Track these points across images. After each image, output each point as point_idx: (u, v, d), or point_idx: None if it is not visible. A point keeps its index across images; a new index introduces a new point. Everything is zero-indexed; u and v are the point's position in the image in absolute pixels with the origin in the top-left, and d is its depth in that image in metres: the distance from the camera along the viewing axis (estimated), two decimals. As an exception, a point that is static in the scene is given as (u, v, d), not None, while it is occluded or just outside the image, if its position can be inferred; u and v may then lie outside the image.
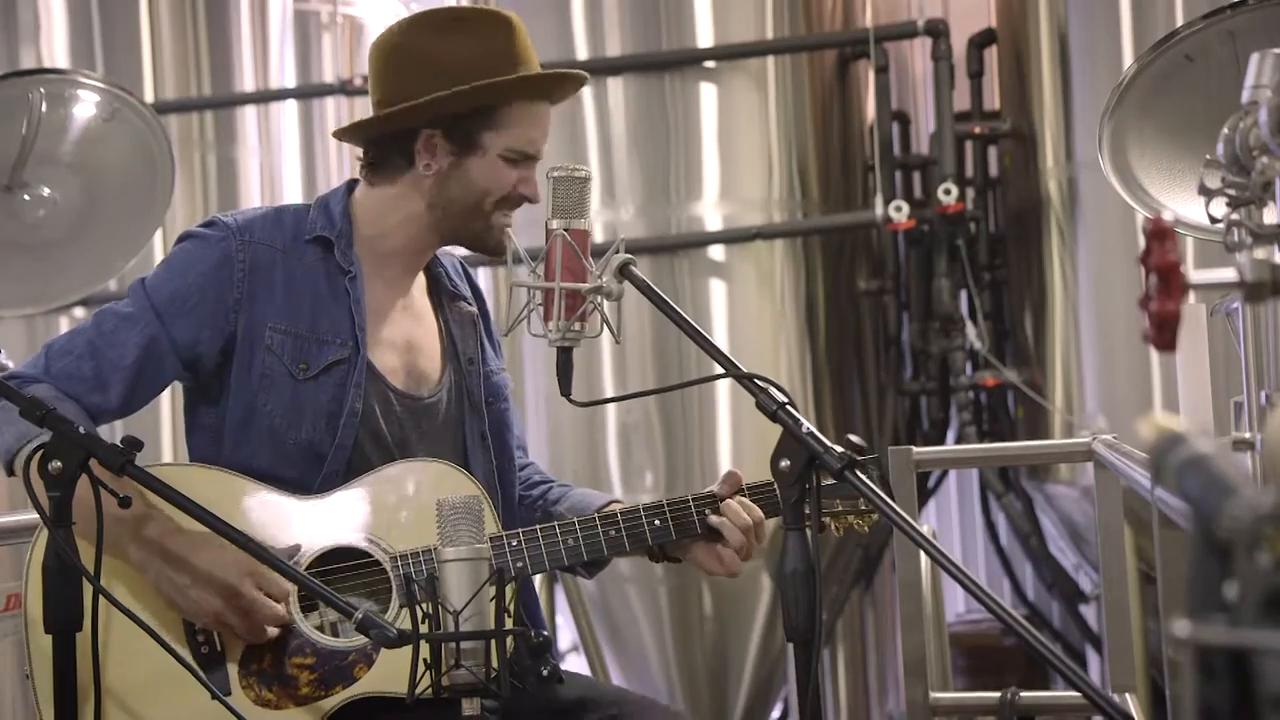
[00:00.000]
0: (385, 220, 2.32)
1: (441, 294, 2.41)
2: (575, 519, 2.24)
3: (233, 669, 2.16)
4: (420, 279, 2.39)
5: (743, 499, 2.24)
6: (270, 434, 2.24)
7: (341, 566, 2.20)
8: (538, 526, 2.23)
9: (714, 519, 2.23)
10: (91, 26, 4.94)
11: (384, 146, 2.31)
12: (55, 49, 4.92)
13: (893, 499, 2.19)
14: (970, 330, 4.76)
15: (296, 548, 2.18)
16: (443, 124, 2.25)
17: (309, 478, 2.23)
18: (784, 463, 1.86)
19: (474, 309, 2.43)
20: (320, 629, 2.18)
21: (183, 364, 2.25)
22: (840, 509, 2.25)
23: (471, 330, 2.40)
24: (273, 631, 2.15)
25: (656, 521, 2.24)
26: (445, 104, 2.23)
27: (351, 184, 2.38)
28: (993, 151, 4.99)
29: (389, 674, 2.12)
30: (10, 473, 2.17)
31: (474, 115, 2.25)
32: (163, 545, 2.13)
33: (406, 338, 2.34)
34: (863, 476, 1.85)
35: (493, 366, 2.43)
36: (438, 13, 2.35)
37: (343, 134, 2.36)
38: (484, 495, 2.19)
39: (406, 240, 2.32)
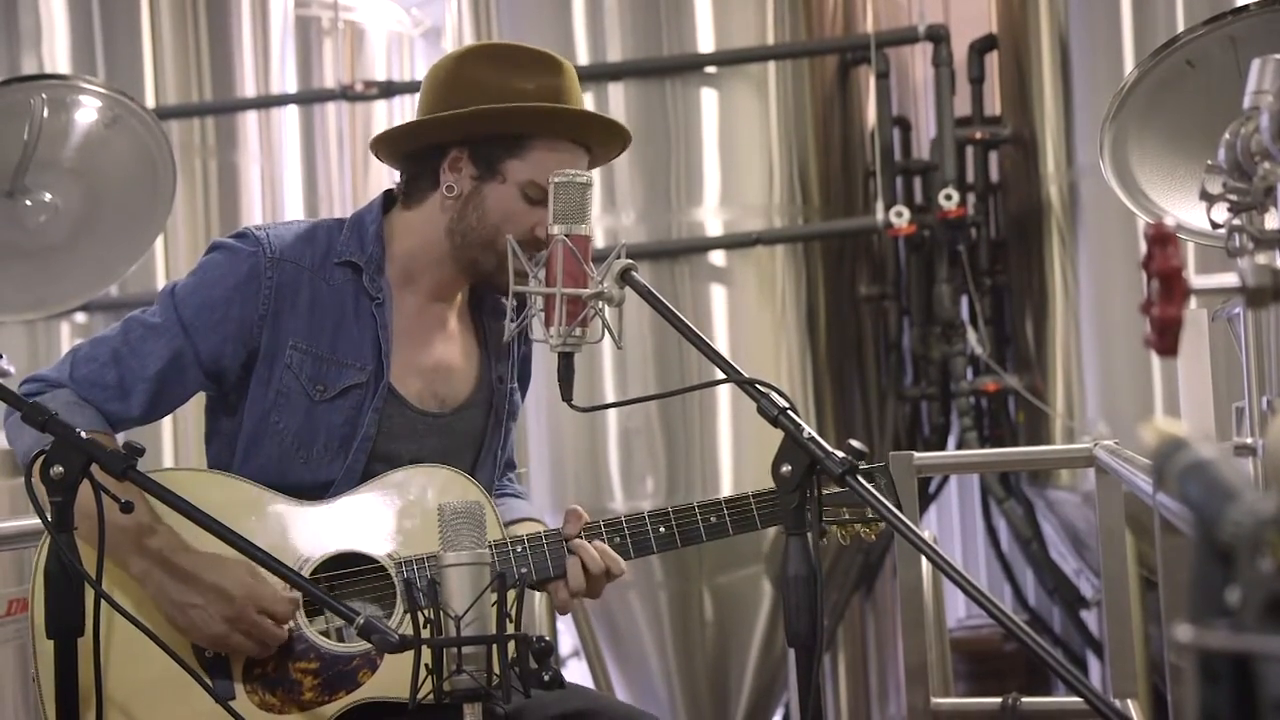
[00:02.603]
0: (413, 246, 2.31)
1: (483, 309, 2.40)
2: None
3: (237, 673, 2.16)
4: (459, 296, 2.37)
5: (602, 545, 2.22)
6: (280, 450, 2.24)
7: (348, 572, 2.20)
8: (542, 533, 2.24)
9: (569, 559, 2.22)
10: (93, 32, 4.94)
11: (415, 165, 2.30)
12: (57, 54, 4.93)
13: (900, 507, 2.19)
14: (971, 335, 4.76)
15: (305, 561, 2.18)
16: (470, 144, 2.25)
17: (316, 496, 2.24)
18: (785, 468, 1.86)
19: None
20: (325, 634, 2.18)
21: (206, 376, 2.26)
22: (847, 517, 2.25)
23: (506, 349, 2.40)
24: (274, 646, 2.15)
25: (713, 519, 2.24)
26: (473, 121, 2.22)
27: (389, 198, 2.36)
28: (994, 157, 4.99)
29: (392, 679, 2.12)
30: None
31: (500, 140, 2.24)
32: (165, 562, 2.13)
33: (435, 361, 2.33)
34: (864, 482, 1.85)
35: (513, 384, 2.44)
36: (498, 45, 2.35)
37: (379, 146, 2.34)
38: (488, 501, 2.20)
39: (431, 267, 2.31)
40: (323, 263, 2.28)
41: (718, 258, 4.63)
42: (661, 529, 2.24)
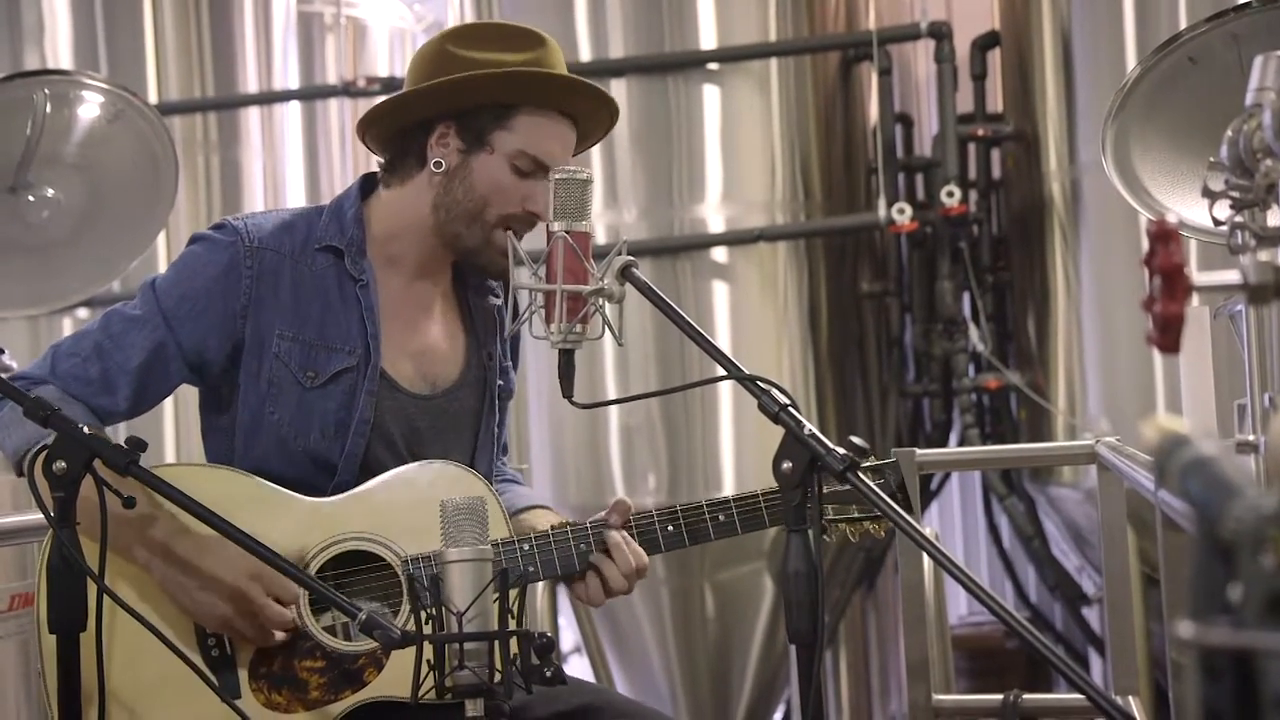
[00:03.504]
0: (395, 224, 2.30)
1: (467, 287, 2.38)
2: (588, 523, 2.23)
3: (242, 672, 2.15)
4: (445, 271, 2.36)
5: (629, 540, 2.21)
6: (278, 441, 2.23)
7: (354, 569, 2.19)
8: (549, 530, 2.23)
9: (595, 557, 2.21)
10: (95, 27, 4.94)
11: (401, 143, 2.29)
12: (59, 50, 4.93)
13: (909, 505, 2.18)
14: (973, 332, 4.76)
15: (309, 558, 2.17)
16: (457, 117, 2.24)
17: (320, 485, 2.23)
18: (786, 465, 1.86)
19: (499, 301, 2.41)
20: (332, 632, 2.18)
21: (189, 368, 2.24)
22: (856, 514, 2.23)
23: (494, 325, 2.39)
24: (281, 635, 2.15)
25: (721, 517, 2.22)
26: (459, 92, 2.21)
27: (366, 182, 2.35)
28: (996, 154, 4.99)
29: (399, 678, 2.11)
30: (20, 473, 2.17)
31: (487, 111, 2.23)
32: (169, 547, 2.13)
33: (423, 339, 2.32)
34: (864, 478, 1.85)
35: (506, 363, 2.42)
36: (480, 24, 2.35)
37: (365, 128, 2.33)
38: (494, 496, 2.19)
39: (415, 246, 2.30)
40: (303, 249, 2.27)
41: (719, 254, 4.63)
42: (670, 528, 2.23)
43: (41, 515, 2.02)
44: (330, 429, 2.24)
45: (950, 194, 4.68)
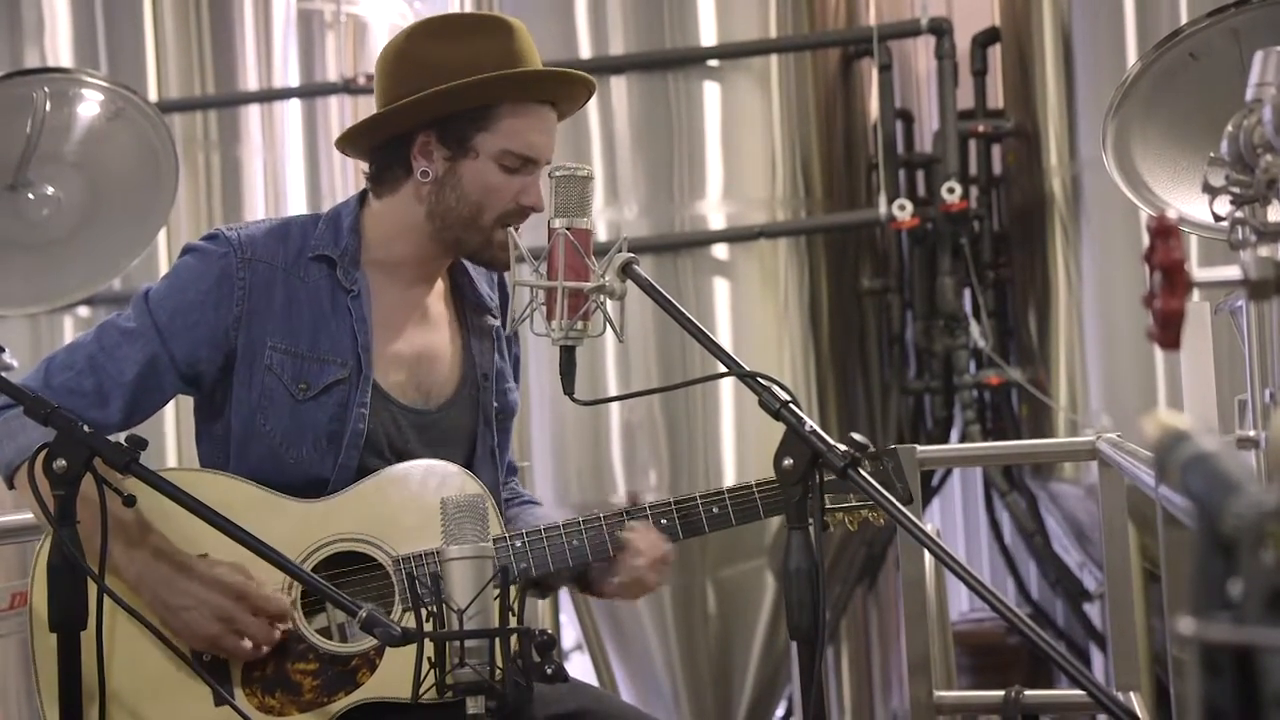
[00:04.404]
0: (391, 232, 2.28)
1: (464, 303, 2.37)
2: (579, 518, 2.23)
3: (235, 676, 2.15)
4: (440, 286, 2.35)
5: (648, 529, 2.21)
6: (271, 452, 2.22)
7: (345, 570, 2.19)
8: (541, 527, 2.22)
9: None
10: (95, 26, 4.94)
11: (384, 155, 2.28)
12: (59, 48, 4.93)
13: (909, 491, 2.18)
14: (974, 329, 4.76)
15: (303, 560, 2.17)
16: (436, 126, 2.22)
17: (312, 496, 2.22)
18: (787, 461, 1.86)
19: (497, 322, 2.39)
20: (325, 633, 2.17)
21: (183, 380, 2.23)
22: (854, 503, 2.24)
23: (490, 344, 2.37)
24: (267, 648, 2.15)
25: (715, 509, 2.22)
26: (436, 103, 2.20)
27: (365, 194, 2.34)
28: (996, 150, 4.99)
29: (393, 678, 2.11)
30: (11, 486, 2.17)
31: (466, 116, 2.21)
32: (158, 566, 2.12)
33: (417, 351, 2.30)
34: (866, 475, 1.85)
35: (509, 384, 2.41)
36: (441, 18, 2.33)
37: (343, 144, 2.32)
38: (488, 495, 2.18)
39: (413, 252, 2.28)
40: (296, 259, 2.25)
41: (720, 251, 4.63)
42: (664, 521, 2.23)
43: (42, 514, 2.02)
44: (323, 441, 2.22)
45: (951, 190, 4.68)
